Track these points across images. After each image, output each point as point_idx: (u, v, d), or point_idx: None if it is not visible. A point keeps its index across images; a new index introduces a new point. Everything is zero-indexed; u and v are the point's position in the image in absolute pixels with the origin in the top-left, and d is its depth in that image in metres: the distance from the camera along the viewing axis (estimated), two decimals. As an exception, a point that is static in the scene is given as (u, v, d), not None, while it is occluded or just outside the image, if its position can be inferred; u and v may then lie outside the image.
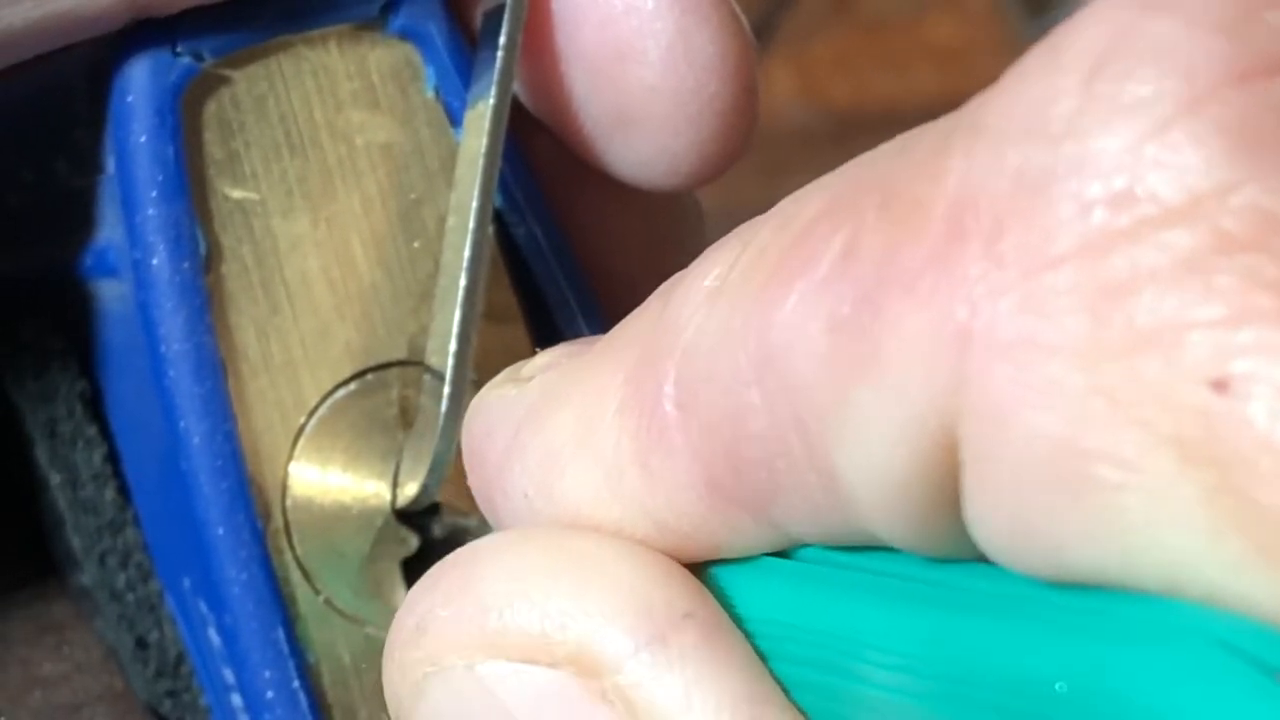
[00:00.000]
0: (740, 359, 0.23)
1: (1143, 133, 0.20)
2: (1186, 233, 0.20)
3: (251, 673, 0.31)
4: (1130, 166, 0.20)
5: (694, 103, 0.32)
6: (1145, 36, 0.20)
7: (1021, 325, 0.20)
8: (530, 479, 0.26)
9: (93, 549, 0.33)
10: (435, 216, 0.33)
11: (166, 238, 0.31)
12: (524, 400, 0.26)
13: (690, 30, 0.32)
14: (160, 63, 0.31)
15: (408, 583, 0.32)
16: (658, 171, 0.33)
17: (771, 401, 0.22)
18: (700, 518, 0.24)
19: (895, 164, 0.22)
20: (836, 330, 0.22)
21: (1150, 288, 0.20)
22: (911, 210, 0.21)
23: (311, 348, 0.32)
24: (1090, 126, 0.20)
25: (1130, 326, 0.20)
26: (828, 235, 0.22)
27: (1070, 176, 0.20)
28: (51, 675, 0.34)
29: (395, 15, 0.33)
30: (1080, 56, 0.21)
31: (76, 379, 0.33)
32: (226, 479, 0.31)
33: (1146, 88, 0.20)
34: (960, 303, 0.21)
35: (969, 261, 0.21)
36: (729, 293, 0.23)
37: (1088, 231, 0.20)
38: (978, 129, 0.21)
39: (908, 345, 0.21)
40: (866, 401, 0.21)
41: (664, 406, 0.24)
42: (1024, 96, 0.21)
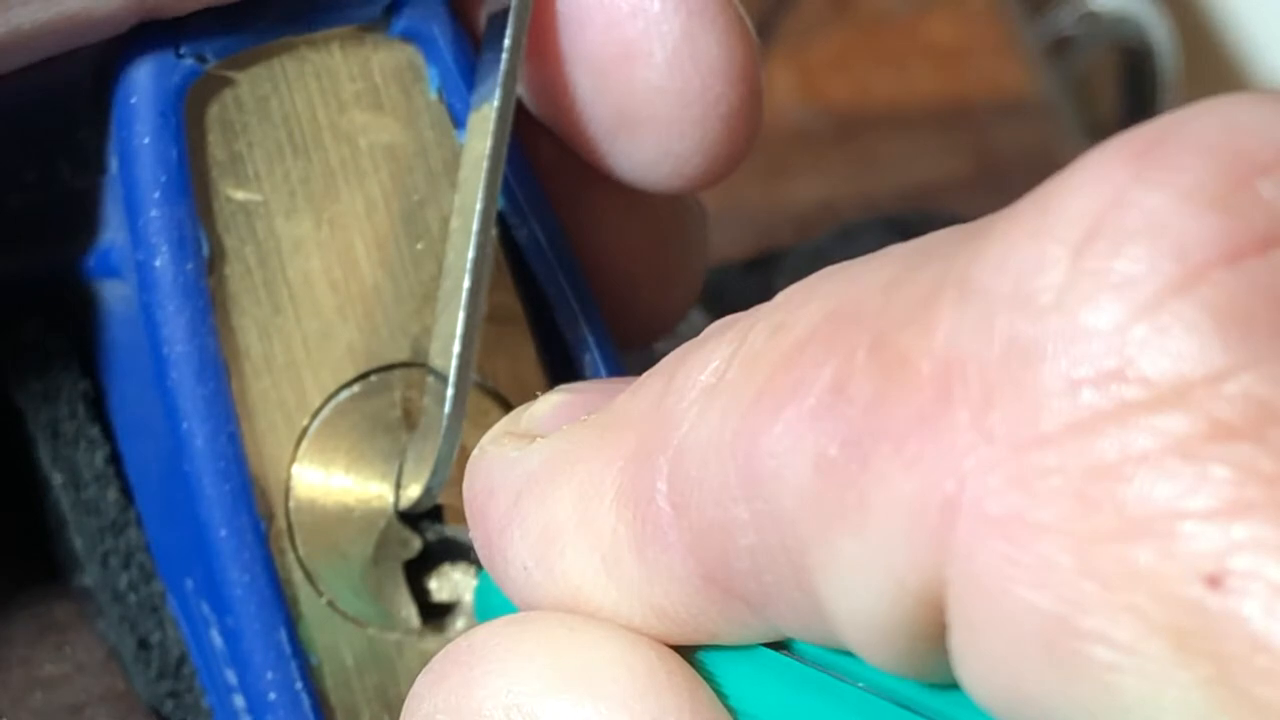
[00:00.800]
0: (729, 474, 0.23)
1: (1132, 312, 0.20)
2: (1178, 418, 0.19)
3: (254, 674, 0.31)
4: (1119, 348, 0.20)
5: (699, 105, 0.32)
6: (1136, 209, 0.20)
7: (1010, 502, 0.20)
8: (530, 552, 0.26)
9: (95, 550, 0.33)
10: (438, 218, 0.33)
11: (169, 239, 0.31)
12: (525, 465, 0.26)
13: (696, 32, 0.32)
14: (163, 64, 0.31)
15: (410, 584, 0.32)
16: (662, 173, 0.33)
17: (759, 522, 0.23)
18: (697, 608, 0.24)
19: (885, 303, 0.22)
20: (823, 471, 0.22)
21: (1140, 473, 0.19)
22: (900, 362, 0.21)
23: (314, 349, 0.32)
24: (1079, 302, 0.20)
25: (1120, 512, 0.19)
26: (817, 363, 0.22)
27: (1058, 353, 0.20)
28: (53, 676, 0.34)
29: (398, 17, 0.33)
30: (1070, 225, 0.20)
31: (79, 380, 0.33)
32: (229, 480, 0.31)
33: (1136, 266, 0.20)
34: (948, 474, 0.20)
35: (957, 431, 0.20)
36: (722, 397, 0.23)
37: (1076, 411, 0.20)
38: (967, 287, 0.21)
39: (894, 506, 0.21)
40: (851, 553, 0.21)
41: (658, 503, 0.24)
42: (1012, 260, 0.21)
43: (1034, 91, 0.90)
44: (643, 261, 0.35)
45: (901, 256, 0.23)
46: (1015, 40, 0.92)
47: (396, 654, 0.32)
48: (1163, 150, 0.20)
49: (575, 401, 0.28)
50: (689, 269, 0.36)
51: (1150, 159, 0.20)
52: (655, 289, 0.35)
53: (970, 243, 0.21)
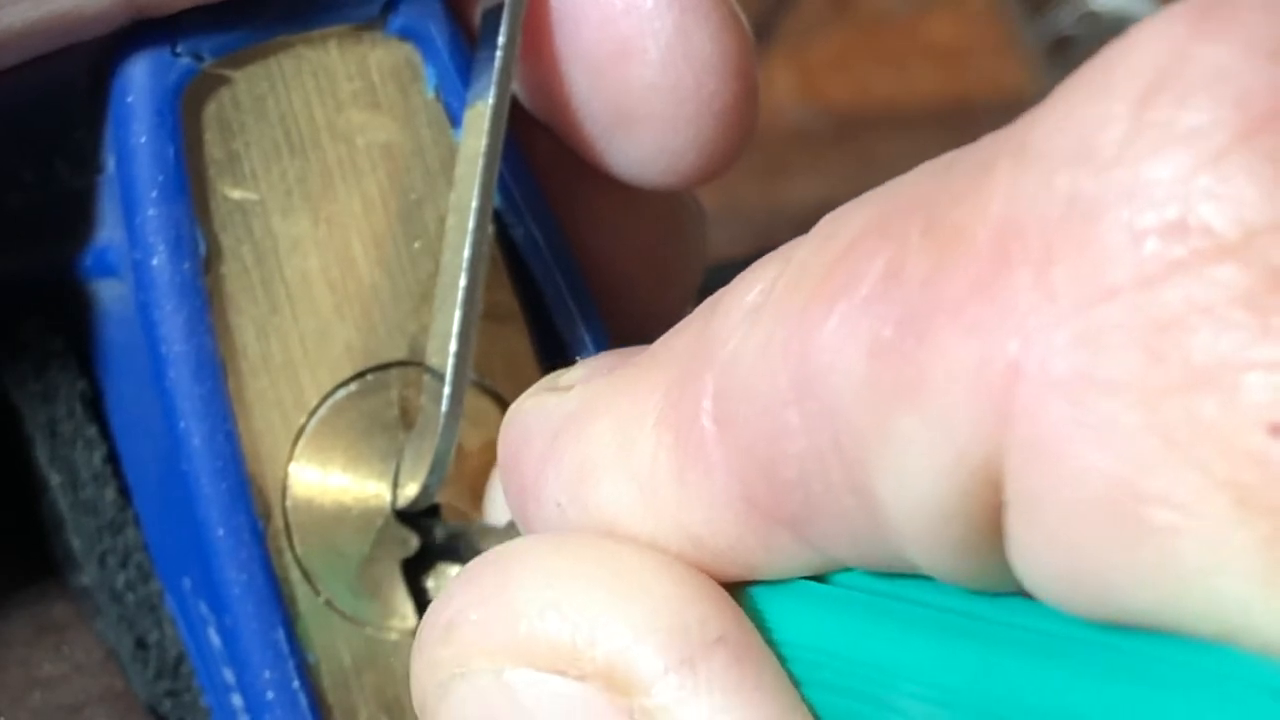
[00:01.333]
0: (779, 378, 0.22)
1: (1196, 162, 0.19)
2: (1241, 268, 0.19)
3: (252, 673, 0.31)
4: (1183, 197, 0.19)
5: (693, 101, 0.32)
6: (1198, 62, 0.20)
7: (1075, 360, 0.20)
8: (564, 488, 0.25)
9: (93, 549, 0.33)
10: (436, 217, 0.33)
11: (166, 238, 0.31)
12: (562, 408, 0.26)
13: (689, 29, 0.32)
14: (160, 63, 0.31)
15: (407, 583, 0.32)
16: (657, 170, 0.33)
17: (810, 423, 0.22)
18: (736, 535, 0.24)
19: (939, 184, 0.22)
20: (878, 354, 0.21)
21: (1205, 324, 0.19)
22: (956, 234, 0.21)
23: (312, 348, 0.32)
24: (1141, 154, 0.20)
25: (1186, 364, 0.19)
26: (870, 255, 0.22)
27: (1121, 205, 0.20)
28: (51, 676, 0.34)
29: (395, 15, 0.33)
30: (1131, 80, 0.20)
31: (76, 379, 0.33)
32: (226, 479, 0.31)
33: (1200, 116, 0.20)
34: (1010, 335, 0.20)
35: (1018, 291, 0.20)
36: (770, 310, 0.23)
37: (1140, 262, 0.20)
38: (1024, 151, 0.21)
39: (954, 375, 0.21)
40: (908, 431, 0.21)
41: (702, 422, 0.24)
42: (1072, 119, 0.20)
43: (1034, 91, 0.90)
44: (640, 260, 0.35)
45: (951, 153, 0.22)
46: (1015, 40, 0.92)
47: (394, 653, 0.32)
48: (1224, 6, 0.20)
49: (612, 357, 0.27)
50: (687, 268, 0.36)
51: (1212, 14, 0.20)
52: (653, 287, 0.35)
53: (1026, 116, 0.21)
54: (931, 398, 0.21)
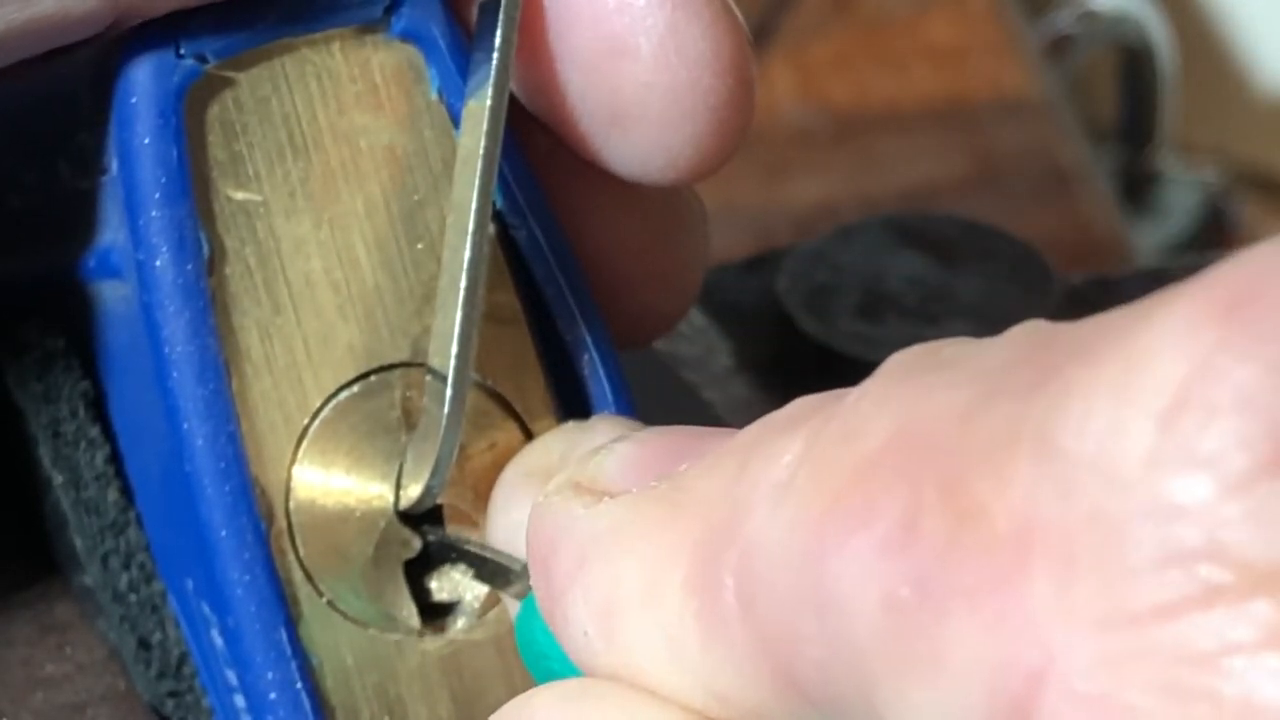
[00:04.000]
0: (799, 587, 0.22)
1: (1222, 491, 0.19)
2: (1273, 605, 0.19)
3: (254, 674, 0.31)
4: (1208, 526, 0.19)
5: (688, 98, 0.32)
6: (1225, 381, 0.19)
7: (1100, 683, 0.19)
8: (592, 618, 0.26)
9: (95, 550, 0.33)
10: (438, 218, 0.33)
11: (169, 239, 0.31)
12: (591, 527, 0.26)
13: (682, 25, 0.32)
14: (163, 64, 0.31)
15: (410, 584, 0.32)
16: (655, 167, 0.33)
17: (827, 638, 0.22)
18: (761, 701, 0.24)
19: (959, 437, 0.21)
20: (894, 611, 0.21)
21: (1238, 664, 0.19)
22: (975, 512, 0.21)
23: (314, 349, 0.32)
24: (1165, 476, 0.19)
25: (1219, 706, 0.19)
26: (887, 487, 0.22)
27: (1144, 528, 0.19)
28: (54, 676, 0.34)
29: (398, 17, 0.33)
30: (1155, 392, 0.20)
31: (79, 380, 0.33)
32: (229, 480, 0.31)
33: (1226, 442, 0.19)
34: (1032, 644, 0.20)
35: (1039, 599, 0.20)
36: (793, 499, 0.23)
37: (1163, 592, 0.19)
38: (1045, 443, 0.20)
39: (972, 669, 0.20)
40: (923, 704, 0.21)
41: (726, 598, 0.24)
42: (1095, 421, 0.20)
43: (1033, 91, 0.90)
44: (641, 260, 0.35)
45: (975, 377, 0.22)
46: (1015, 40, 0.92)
47: (397, 654, 0.32)
48: (1251, 311, 0.19)
49: (645, 458, 0.27)
50: (688, 268, 0.36)
51: (1238, 321, 0.19)
52: (654, 288, 0.35)
53: (1048, 386, 0.21)
54: (950, 683, 0.21)
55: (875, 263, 0.45)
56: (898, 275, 0.45)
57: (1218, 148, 1.12)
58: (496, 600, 0.32)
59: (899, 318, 0.44)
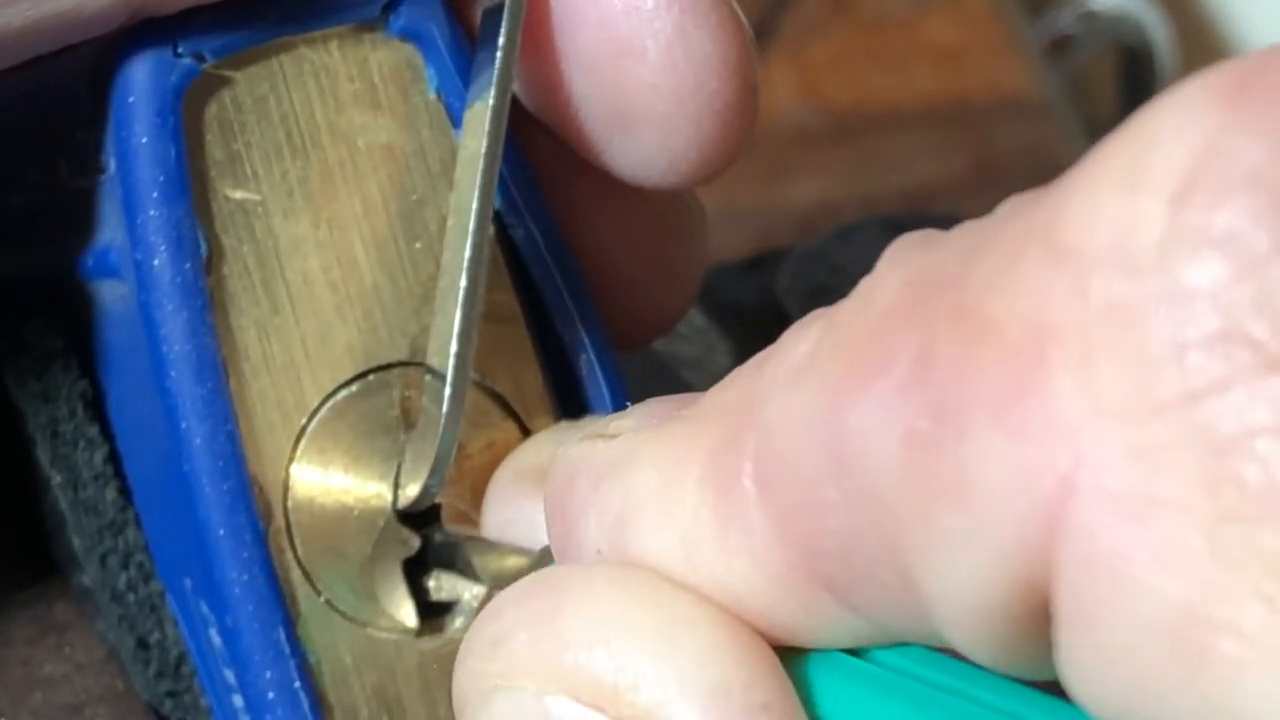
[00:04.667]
0: (818, 453, 0.22)
1: (1238, 270, 0.19)
2: None
3: (253, 673, 0.31)
4: (1225, 307, 0.19)
5: (693, 101, 0.32)
6: (1233, 159, 0.19)
7: (1132, 477, 0.19)
8: (605, 535, 0.25)
9: (94, 549, 0.33)
10: (437, 218, 0.33)
11: (168, 238, 0.31)
12: (607, 454, 0.26)
13: (689, 29, 0.32)
14: (162, 63, 0.31)
15: (408, 583, 0.32)
16: (658, 170, 0.33)
17: (849, 501, 0.22)
18: (777, 597, 0.23)
19: (965, 268, 0.21)
20: (915, 445, 0.21)
21: (1261, 445, 0.18)
22: (987, 328, 0.20)
23: (313, 349, 0.32)
24: (1179, 260, 0.19)
25: (1244, 488, 0.18)
26: (901, 333, 0.21)
27: (1161, 315, 0.19)
28: (53, 676, 0.34)
29: (396, 16, 0.33)
30: (1164, 176, 0.19)
31: (78, 380, 0.33)
32: (228, 480, 0.31)
33: (1239, 220, 0.19)
34: (1060, 445, 0.19)
35: (1063, 398, 0.19)
36: (811, 376, 0.22)
37: (1186, 377, 0.19)
38: (1053, 244, 0.20)
39: (1000, 481, 0.20)
40: (951, 529, 0.21)
41: (743, 483, 0.23)
42: (1103, 214, 0.20)
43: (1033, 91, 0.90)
44: (641, 260, 0.35)
45: (979, 223, 0.22)
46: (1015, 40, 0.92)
47: (395, 653, 0.32)
48: (1255, 92, 0.19)
49: (668, 403, 0.27)
50: (688, 268, 0.36)
51: (1242, 102, 0.19)
52: (654, 288, 0.35)
53: (1047, 199, 0.20)
54: (976, 501, 0.20)
55: (875, 262, 0.45)
56: (897, 275, 0.45)
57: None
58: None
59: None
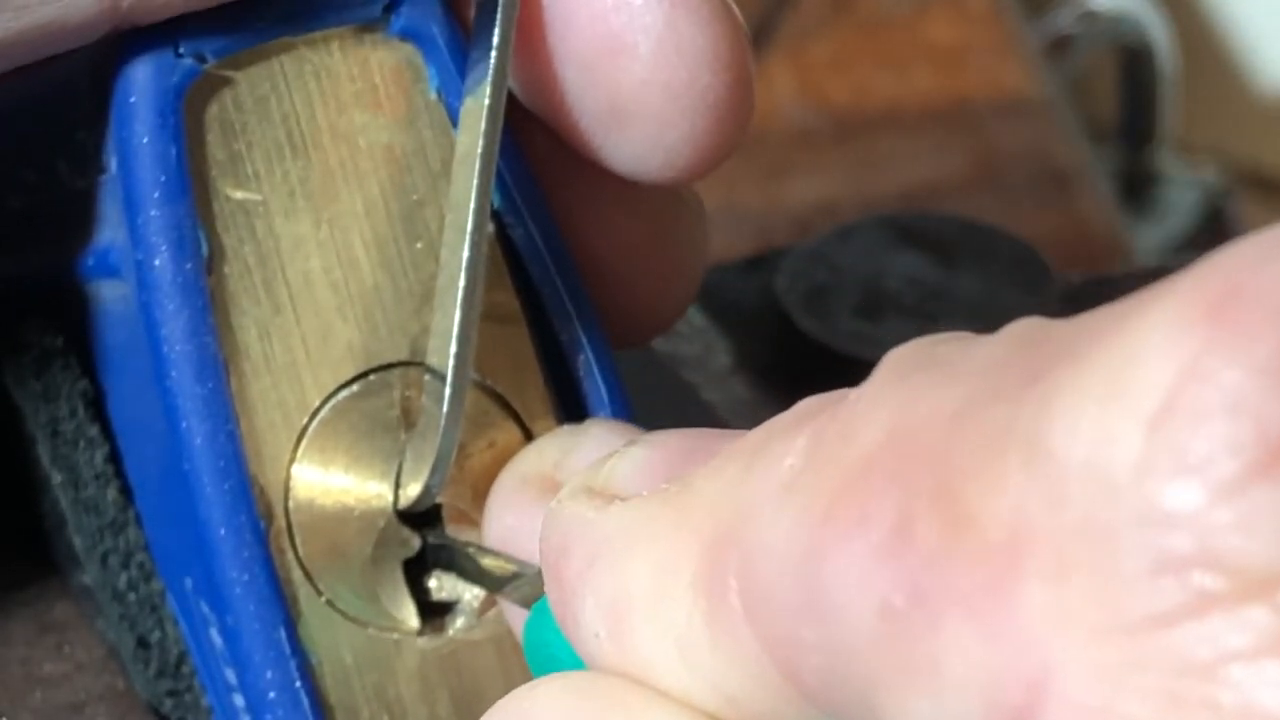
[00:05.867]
0: (797, 594, 0.22)
1: (1213, 496, 0.19)
2: (1270, 612, 0.18)
3: (253, 673, 0.31)
4: (1200, 533, 0.19)
5: (686, 95, 0.32)
6: (1213, 383, 0.19)
7: (1099, 695, 0.19)
8: (602, 621, 0.26)
9: (94, 549, 0.33)
10: (437, 217, 0.33)
11: (168, 238, 0.31)
12: (601, 529, 0.26)
13: (680, 23, 0.32)
14: (162, 64, 0.31)
15: (409, 583, 0.32)
16: (653, 165, 0.33)
17: (826, 646, 0.22)
18: (771, 703, 0.24)
19: (951, 441, 0.21)
20: (890, 619, 0.21)
21: (1235, 673, 0.18)
22: (966, 520, 0.21)
23: (314, 348, 0.32)
24: (1156, 481, 0.19)
25: (1218, 714, 0.18)
26: (881, 493, 0.22)
27: (1136, 536, 0.19)
28: (53, 675, 0.34)
29: (397, 16, 0.33)
30: (1143, 396, 0.19)
31: (78, 379, 0.33)
32: (228, 479, 0.31)
33: (1215, 446, 0.19)
34: (1030, 654, 0.20)
35: (1034, 607, 0.20)
36: (794, 502, 0.23)
37: (1158, 600, 0.19)
38: (1035, 449, 0.20)
39: (971, 679, 0.20)
40: (920, 707, 0.21)
41: (731, 600, 0.24)
42: (1084, 428, 0.20)
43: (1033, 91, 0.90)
44: (640, 258, 0.35)
45: (967, 377, 0.22)
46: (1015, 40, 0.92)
47: (395, 653, 0.32)
48: (1236, 310, 0.19)
49: (657, 461, 0.27)
50: (687, 267, 0.36)
51: (1224, 321, 0.19)
52: (653, 286, 0.35)
53: (1038, 388, 0.20)
54: (946, 691, 0.21)
55: (874, 262, 0.45)
56: (897, 275, 0.45)
57: (1218, 148, 1.12)
58: (495, 600, 0.32)
59: (898, 317, 0.44)
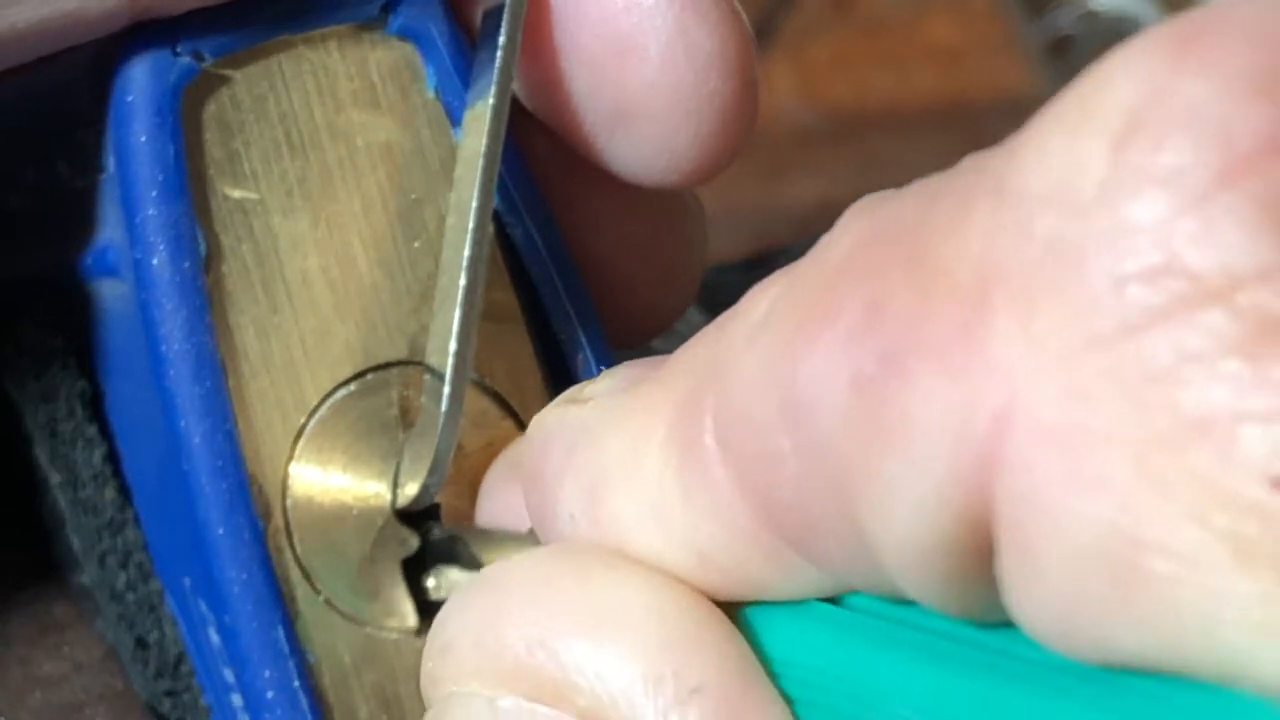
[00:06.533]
0: (772, 405, 0.22)
1: (1177, 205, 0.19)
2: (1231, 316, 0.19)
3: (251, 672, 0.31)
4: (1165, 242, 0.19)
5: (694, 99, 0.32)
6: (1178, 99, 0.19)
7: (1065, 411, 0.19)
8: (578, 501, 0.26)
9: (93, 549, 0.33)
10: (435, 216, 0.33)
11: (167, 237, 0.31)
12: (580, 420, 0.26)
13: (689, 26, 0.32)
14: (160, 63, 0.31)
15: (408, 582, 0.32)
16: (658, 168, 0.33)
17: (800, 451, 0.22)
18: (743, 553, 0.24)
19: (921, 215, 0.21)
20: (861, 390, 0.21)
21: (1197, 374, 0.19)
22: (937, 273, 0.21)
23: (312, 348, 0.32)
24: (1121, 197, 0.19)
25: (1178, 416, 0.19)
26: (854, 283, 0.22)
27: (1102, 251, 0.19)
28: (52, 675, 0.34)
29: (395, 15, 0.33)
30: (1109, 118, 0.20)
31: (77, 379, 0.33)
32: (227, 479, 0.31)
33: (1180, 157, 0.19)
34: (996, 383, 0.20)
35: (1002, 337, 0.20)
36: (767, 332, 0.23)
37: (1124, 311, 0.19)
38: (1002, 190, 0.20)
39: (938, 421, 0.20)
40: (894, 473, 0.21)
41: (705, 440, 0.24)
42: (1050, 158, 0.20)
43: (1034, 91, 0.90)
44: (640, 259, 0.35)
45: (938, 176, 0.22)
46: (1015, 40, 0.92)
47: (394, 652, 0.32)
48: (1204, 38, 0.20)
49: (631, 371, 0.27)
50: (687, 267, 0.36)
51: (1191, 46, 0.20)
52: (652, 287, 0.35)
53: (1003, 148, 0.21)
54: (916, 442, 0.21)
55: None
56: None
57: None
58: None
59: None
